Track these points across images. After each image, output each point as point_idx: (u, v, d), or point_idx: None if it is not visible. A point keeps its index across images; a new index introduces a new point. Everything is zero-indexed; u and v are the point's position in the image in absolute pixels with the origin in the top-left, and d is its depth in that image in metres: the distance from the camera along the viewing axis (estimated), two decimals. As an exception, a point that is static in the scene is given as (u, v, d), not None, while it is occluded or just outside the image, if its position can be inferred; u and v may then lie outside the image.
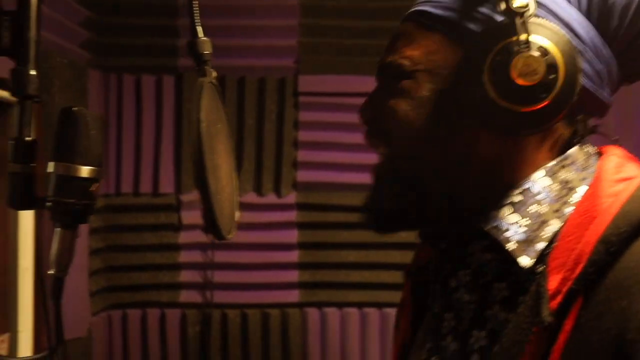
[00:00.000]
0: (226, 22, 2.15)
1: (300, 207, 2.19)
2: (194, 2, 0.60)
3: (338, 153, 2.19)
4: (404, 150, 0.63)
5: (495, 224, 0.58)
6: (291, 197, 2.19)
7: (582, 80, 0.58)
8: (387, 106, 0.63)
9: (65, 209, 0.60)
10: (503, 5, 0.57)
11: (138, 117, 2.18)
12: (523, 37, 0.55)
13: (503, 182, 0.60)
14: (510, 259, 0.56)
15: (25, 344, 1.52)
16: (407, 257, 2.46)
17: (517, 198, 0.58)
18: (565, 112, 0.57)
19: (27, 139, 0.60)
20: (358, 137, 2.28)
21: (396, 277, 2.16)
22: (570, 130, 0.61)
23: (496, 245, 0.58)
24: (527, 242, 0.56)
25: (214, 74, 0.62)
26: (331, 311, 2.19)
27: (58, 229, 0.61)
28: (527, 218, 0.57)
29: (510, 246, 0.56)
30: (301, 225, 2.19)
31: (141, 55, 2.18)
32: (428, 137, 0.61)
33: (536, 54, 0.55)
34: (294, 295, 2.18)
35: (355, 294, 2.19)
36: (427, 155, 0.61)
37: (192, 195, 2.18)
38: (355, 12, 2.20)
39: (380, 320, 2.19)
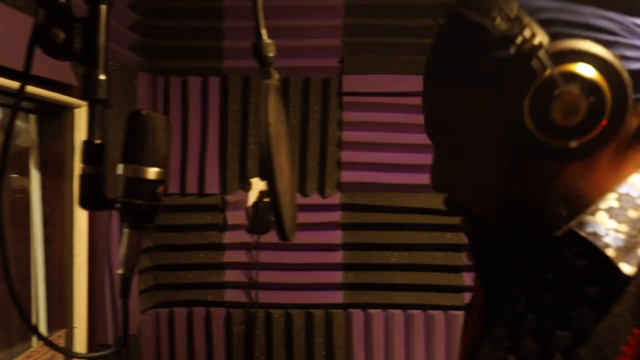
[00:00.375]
0: (270, 22, 2.15)
1: (345, 207, 2.19)
2: (257, 4, 0.61)
3: (382, 153, 2.17)
4: (486, 212, 0.61)
5: (592, 230, 0.56)
6: (335, 198, 2.19)
7: (630, 65, 0.53)
8: (452, 180, 0.62)
9: (134, 210, 0.61)
10: (514, 50, 0.53)
11: (184, 118, 2.21)
12: (548, 73, 0.52)
13: (590, 194, 0.58)
14: (609, 265, 0.54)
15: (80, 340, 1.56)
16: (451, 258, 2.42)
17: (613, 204, 0.56)
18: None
19: (96, 141, 0.61)
20: (402, 137, 2.26)
21: (441, 279, 2.15)
22: (637, 120, 0.57)
23: (592, 251, 0.56)
24: (626, 249, 0.54)
25: (277, 76, 0.62)
26: (375, 313, 2.18)
27: (126, 230, 0.63)
28: (625, 224, 0.55)
29: (609, 252, 0.55)
30: (345, 226, 2.19)
31: (187, 57, 2.21)
32: (503, 191, 0.59)
33: (571, 88, 0.51)
34: (338, 296, 2.18)
35: (400, 296, 2.18)
36: (509, 207, 0.60)
37: (236, 196, 2.20)
38: (399, 11, 2.18)
39: (425, 322, 2.17)
